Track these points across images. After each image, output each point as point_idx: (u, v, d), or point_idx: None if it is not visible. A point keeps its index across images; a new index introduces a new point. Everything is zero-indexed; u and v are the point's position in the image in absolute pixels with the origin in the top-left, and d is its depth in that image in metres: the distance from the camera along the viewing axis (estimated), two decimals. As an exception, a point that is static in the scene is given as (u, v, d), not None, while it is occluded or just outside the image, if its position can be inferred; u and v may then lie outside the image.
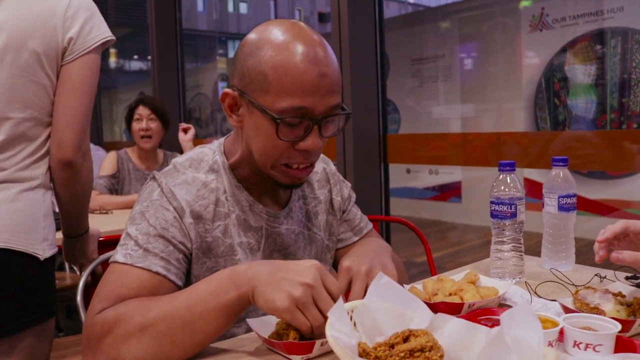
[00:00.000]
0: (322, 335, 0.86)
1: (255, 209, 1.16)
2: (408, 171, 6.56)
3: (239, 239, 1.13)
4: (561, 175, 1.36)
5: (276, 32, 1.01)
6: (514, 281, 1.29)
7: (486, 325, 0.88)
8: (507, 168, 1.28)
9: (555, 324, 0.94)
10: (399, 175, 6.61)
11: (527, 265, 1.42)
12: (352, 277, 1.04)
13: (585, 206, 5.11)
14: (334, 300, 0.90)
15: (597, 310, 1.02)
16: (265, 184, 1.16)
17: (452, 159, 2.68)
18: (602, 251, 1.07)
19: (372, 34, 2.31)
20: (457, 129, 6.06)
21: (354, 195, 1.39)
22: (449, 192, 6.22)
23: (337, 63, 1.06)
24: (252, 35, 1.05)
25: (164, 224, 1.05)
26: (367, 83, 2.30)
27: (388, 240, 2.46)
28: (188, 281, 1.09)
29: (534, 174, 4.71)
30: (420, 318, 0.88)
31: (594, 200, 5.07)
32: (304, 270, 0.91)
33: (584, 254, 1.49)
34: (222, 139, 1.21)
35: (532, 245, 1.45)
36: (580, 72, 5.20)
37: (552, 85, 5.38)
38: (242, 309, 0.93)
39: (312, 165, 1.10)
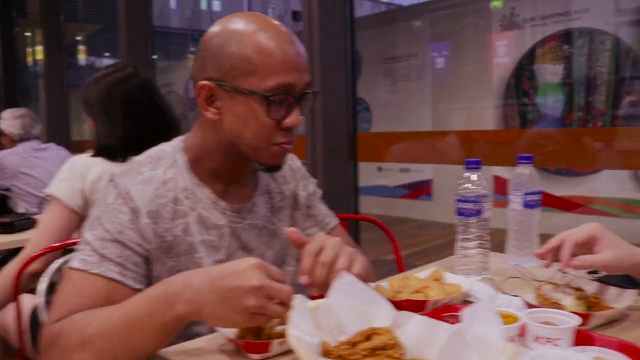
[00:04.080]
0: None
1: (218, 205, 1.15)
2: (380, 169, 6.60)
3: (200, 237, 1.13)
4: (526, 172, 1.37)
5: (245, 21, 1.06)
6: (479, 278, 1.31)
7: (450, 322, 0.89)
8: (473, 166, 1.30)
9: (516, 320, 0.95)
10: (370, 174, 6.64)
11: (493, 261, 1.44)
12: (322, 244, 1.02)
13: (552, 202, 5.20)
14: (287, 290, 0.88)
15: (557, 305, 1.04)
16: (234, 175, 1.16)
17: (423, 156, 2.70)
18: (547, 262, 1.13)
19: (343, 33, 2.32)
20: (428, 127, 6.10)
21: (319, 191, 1.39)
22: (420, 190, 6.27)
23: None
24: (219, 27, 1.08)
25: (119, 227, 1.05)
26: (337, 81, 2.31)
27: (357, 238, 2.47)
28: (150, 282, 1.08)
29: (503, 172, 4.78)
30: (383, 316, 0.89)
31: (561, 197, 5.16)
32: (246, 273, 0.86)
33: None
34: (182, 136, 1.20)
35: (501, 242, 1.47)
36: (549, 71, 5.28)
37: (522, 84, 5.46)
38: (182, 326, 0.91)
39: (293, 143, 1.13)
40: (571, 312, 0.99)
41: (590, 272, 1.30)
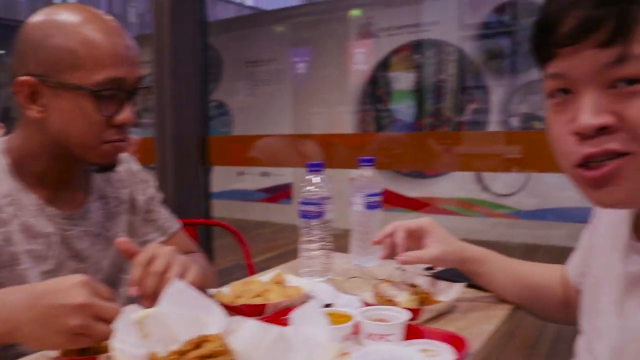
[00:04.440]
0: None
1: (45, 212, 1.06)
2: (240, 173, 6.56)
3: (24, 247, 1.04)
4: (368, 174, 1.42)
5: (71, 12, 1.01)
6: (321, 279, 1.32)
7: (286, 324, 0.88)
8: (315, 168, 1.31)
9: (350, 318, 0.97)
10: (230, 177, 6.59)
11: (338, 262, 1.46)
12: (153, 254, 0.97)
13: (404, 203, 5.49)
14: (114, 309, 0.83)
15: (392, 302, 1.07)
16: (63, 179, 1.09)
17: (278, 160, 2.72)
18: (384, 251, 1.17)
19: (194, 35, 2.27)
20: (289, 131, 6.17)
21: (159, 195, 1.33)
22: (280, 193, 6.32)
23: None
24: (40, 18, 1.01)
25: None
26: (188, 84, 2.25)
27: (210, 244, 2.43)
28: None
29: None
30: (216, 323, 0.86)
31: (412, 198, 5.46)
32: (71, 290, 0.80)
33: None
34: (3, 137, 1.10)
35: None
36: (402, 79, 5.57)
37: (377, 91, 5.70)
38: None
39: (127, 140, 1.08)
40: (404, 308, 1.03)
41: (427, 268, 1.36)
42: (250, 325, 0.84)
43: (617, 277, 0.76)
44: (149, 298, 0.93)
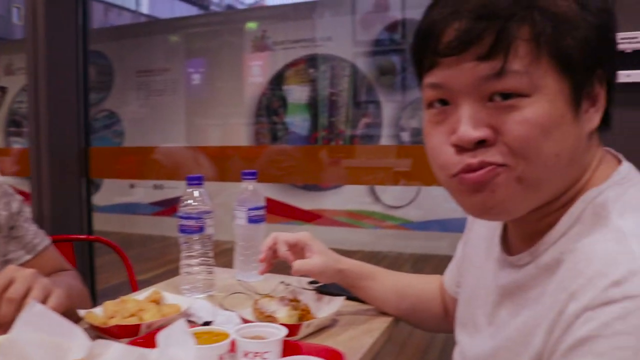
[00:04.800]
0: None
1: None
2: (132, 186, 6.33)
3: None
4: (250, 188, 1.40)
5: None
6: (202, 296, 1.29)
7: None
8: (195, 182, 1.28)
9: (227, 336, 0.94)
10: (122, 190, 6.34)
11: (222, 277, 1.43)
12: (10, 278, 0.89)
13: (298, 215, 5.52)
14: None
15: (271, 318, 1.06)
16: None
17: (168, 173, 2.63)
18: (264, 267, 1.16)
19: (74, 43, 2.15)
20: (182, 143, 6.03)
21: (26, 210, 1.24)
22: (173, 207, 6.14)
23: None
24: None
25: None
26: (66, 92, 2.13)
27: (91, 261, 2.30)
28: None
29: (265, 189, 4.95)
30: (78, 347, 0.81)
31: (305, 210, 5.50)
32: None
33: (278, 263, 1.55)
34: None
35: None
36: (297, 92, 5.61)
37: (272, 104, 5.71)
38: None
39: None
40: (282, 324, 1.02)
41: (310, 282, 1.36)
42: (114, 349, 0.79)
43: (489, 289, 0.78)
44: (4, 327, 0.85)
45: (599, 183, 0.65)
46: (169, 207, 6.10)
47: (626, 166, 0.68)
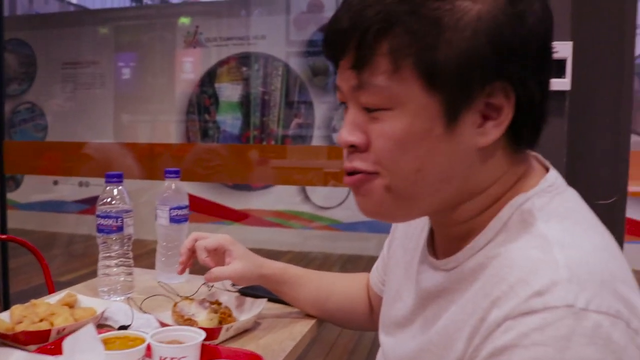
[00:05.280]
0: None
1: None
2: (56, 183, 6.08)
3: None
4: (173, 187, 1.36)
5: None
6: (120, 298, 1.24)
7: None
8: (114, 180, 1.23)
9: (143, 341, 0.91)
10: (44, 187, 6.08)
11: (143, 279, 1.39)
12: None
13: (227, 215, 5.47)
14: None
15: (190, 322, 1.03)
16: None
17: (92, 170, 2.54)
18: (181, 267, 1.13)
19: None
20: (109, 138, 5.84)
21: None
22: (99, 204, 5.96)
23: None
24: None
25: None
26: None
27: (4, 262, 2.18)
28: None
29: (195, 188, 4.87)
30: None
31: (234, 210, 5.44)
32: None
33: (199, 263, 1.52)
34: None
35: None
36: (229, 90, 5.54)
37: (203, 101, 5.61)
38: None
39: None
40: (202, 327, 0.99)
41: (233, 285, 1.33)
42: (18, 356, 0.75)
43: (414, 291, 0.78)
44: None
45: (526, 190, 0.66)
46: (94, 205, 5.90)
47: (553, 174, 0.69)
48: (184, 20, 5.83)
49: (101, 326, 1.09)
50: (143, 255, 1.45)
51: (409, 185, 0.64)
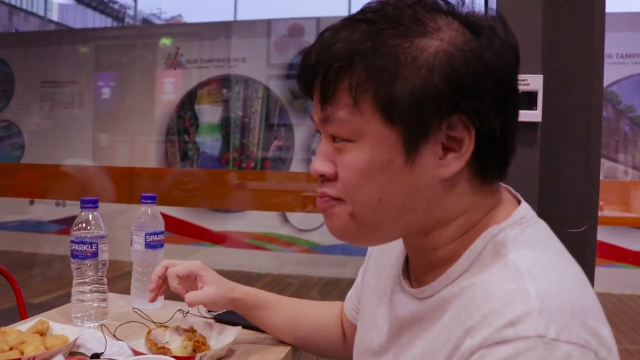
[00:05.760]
0: None
1: None
2: (32, 202, 5.99)
3: None
4: (149, 212, 1.36)
5: None
6: (94, 324, 1.23)
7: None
8: (90, 205, 1.23)
9: (115, 370, 0.90)
10: (20, 207, 5.99)
11: (117, 304, 1.38)
12: None
13: (206, 237, 5.44)
14: None
15: (164, 350, 1.03)
16: None
17: (66, 192, 2.52)
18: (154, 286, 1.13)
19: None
20: (88, 159, 5.79)
21: None
22: (76, 225, 5.88)
23: None
24: None
25: None
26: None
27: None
28: None
29: (173, 209, 4.84)
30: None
31: (213, 232, 5.42)
32: None
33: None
34: None
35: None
36: (209, 112, 5.54)
37: (183, 122, 5.60)
38: None
39: None
40: (176, 356, 0.99)
41: (209, 311, 1.33)
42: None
43: (389, 318, 0.79)
44: None
45: (499, 221, 0.68)
46: (71, 225, 5.82)
47: (524, 206, 0.71)
48: (165, 42, 5.83)
49: (73, 354, 1.08)
50: (119, 277, 1.44)
51: (371, 213, 0.67)
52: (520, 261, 0.62)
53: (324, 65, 0.64)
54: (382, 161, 0.64)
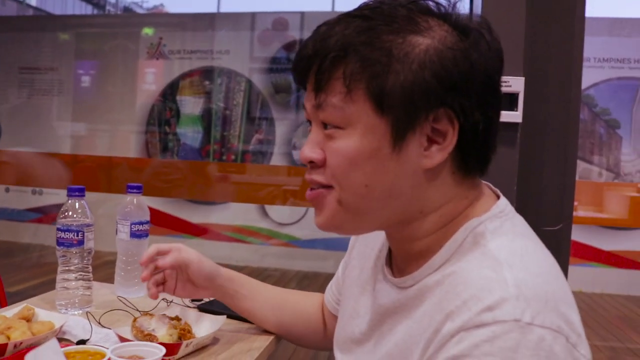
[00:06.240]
0: None
1: None
2: (7, 190, 5.92)
3: None
4: (135, 202, 1.37)
5: None
6: (78, 312, 1.24)
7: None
8: (76, 193, 1.24)
9: (103, 356, 0.92)
10: (-4, 194, 5.92)
11: (101, 293, 1.39)
12: None
13: (186, 229, 5.43)
14: None
15: (150, 337, 1.05)
16: None
17: (44, 180, 2.51)
18: (146, 272, 1.11)
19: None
20: (66, 147, 5.73)
21: None
22: (55, 214, 5.81)
23: None
24: None
25: None
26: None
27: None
28: None
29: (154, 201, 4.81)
30: None
31: (193, 224, 5.41)
32: None
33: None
34: None
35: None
36: (190, 103, 5.52)
37: (164, 113, 5.58)
38: None
39: None
40: (162, 342, 1.01)
41: (193, 300, 1.35)
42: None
43: (371, 307, 0.82)
44: None
45: (479, 214, 0.71)
46: (47, 214, 5.75)
47: (503, 201, 0.75)
48: (148, 31, 5.79)
49: (59, 340, 1.09)
50: (100, 266, 1.45)
51: (358, 199, 0.70)
52: (499, 251, 0.66)
53: (320, 55, 0.68)
54: (370, 148, 0.68)
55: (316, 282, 4.85)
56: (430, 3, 0.70)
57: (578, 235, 4.79)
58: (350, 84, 0.67)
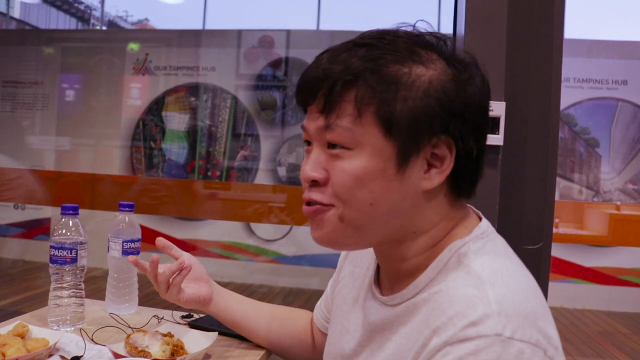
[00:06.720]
0: None
1: None
2: (-11, 205, 5.87)
3: None
4: (126, 220, 1.39)
5: None
6: (70, 329, 1.26)
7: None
8: (70, 212, 1.26)
9: (98, 372, 0.94)
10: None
11: (92, 310, 1.41)
12: None
13: (177, 246, 5.40)
14: None
15: (144, 353, 1.07)
16: None
17: (27, 197, 2.51)
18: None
19: None
20: (50, 163, 5.70)
21: None
22: (37, 229, 5.76)
23: None
24: None
25: None
26: None
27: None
28: None
29: (140, 217, 4.79)
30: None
31: (179, 240, 5.39)
32: None
33: (148, 295, 1.55)
34: None
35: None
36: (176, 119, 5.54)
37: (150, 128, 5.58)
38: None
39: None
40: (155, 359, 1.03)
41: (184, 317, 1.37)
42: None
43: (360, 325, 0.86)
44: None
45: (463, 235, 0.77)
46: (31, 228, 5.71)
47: (485, 223, 0.80)
48: (134, 47, 5.81)
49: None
50: (85, 281, 1.46)
51: (362, 216, 0.74)
52: (482, 270, 0.71)
53: (331, 78, 0.72)
54: (377, 169, 0.72)
55: (300, 298, 4.86)
56: (428, 37, 0.76)
57: (560, 252, 4.86)
58: (361, 107, 0.71)
